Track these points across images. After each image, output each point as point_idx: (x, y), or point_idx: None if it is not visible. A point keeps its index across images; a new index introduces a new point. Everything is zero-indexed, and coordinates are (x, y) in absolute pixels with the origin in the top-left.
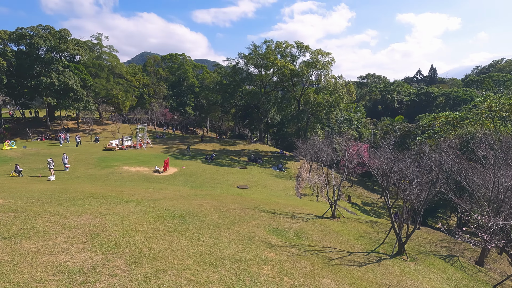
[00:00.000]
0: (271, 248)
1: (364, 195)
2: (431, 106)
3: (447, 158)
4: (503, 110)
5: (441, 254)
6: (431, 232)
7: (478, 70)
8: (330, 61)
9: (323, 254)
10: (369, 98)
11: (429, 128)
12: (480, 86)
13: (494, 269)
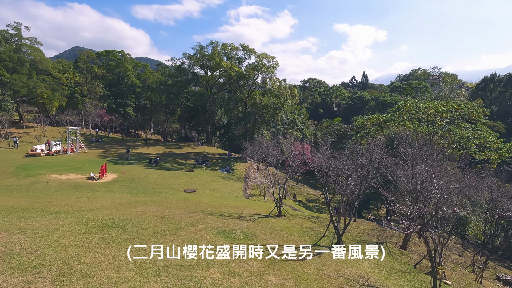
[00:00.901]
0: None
1: (308, 193)
2: (363, 109)
3: (376, 155)
4: (420, 113)
5: (372, 242)
6: (365, 222)
7: (401, 78)
8: (275, 64)
9: (270, 252)
10: (311, 101)
11: (362, 128)
12: (402, 92)
13: (414, 251)
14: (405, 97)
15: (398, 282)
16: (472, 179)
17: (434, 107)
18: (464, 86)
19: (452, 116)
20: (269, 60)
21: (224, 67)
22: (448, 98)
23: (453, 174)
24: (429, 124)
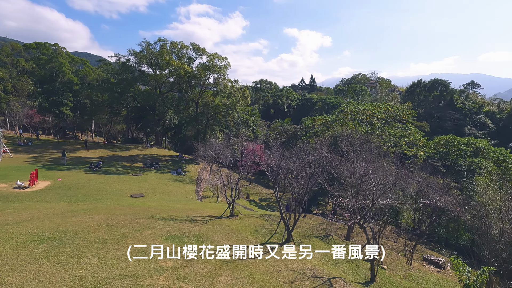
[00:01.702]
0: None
1: (261, 192)
2: (312, 110)
3: (322, 154)
4: (360, 114)
5: (320, 235)
6: (314, 217)
7: (344, 81)
8: (226, 65)
9: (222, 253)
10: (262, 102)
11: (310, 129)
12: (346, 94)
13: (357, 241)
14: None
15: (342, 271)
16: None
17: (372, 109)
18: (396, 90)
19: (386, 117)
20: (221, 60)
21: (174, 66)
22: (383, 101)
23: (388, 169)
24: (368, 124)
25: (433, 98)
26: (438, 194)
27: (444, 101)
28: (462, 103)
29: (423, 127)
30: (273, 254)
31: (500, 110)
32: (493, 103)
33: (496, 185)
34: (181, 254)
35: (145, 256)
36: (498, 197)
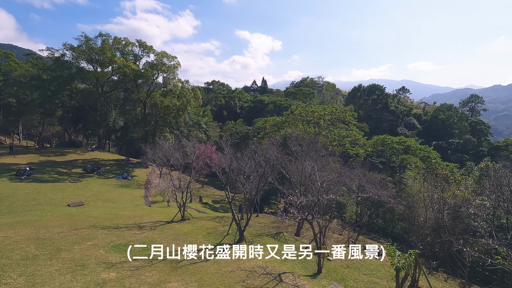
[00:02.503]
0: (111, 267)
1: (214, 194)
2: (264, 111)
3: (272, 154)
4: (308, 116)
5: (271, 233)
6: (266, 217)
7: (294, 84)
8: (176, 64)
9: (172, 259)
10: (215, 103)
11: (262, 130)
12: (295, 97)
13: (306, 236)
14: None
15: (292, 266)
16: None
17: (319, 111)
18: (340, 94)
19: (332, 119)
20: (170, 59)
21: (118, 63)
22: (329, 103)
23: (334, 167)
24: (315, 125)
25: (371, 102)
26: (375, 188)
27: (381, 104)
28: (395, 106)
29: (363, 128)
30: (225, 255)
31: (425, 112)
32: (420, 106)
33: (422, 179)
34: (127, 264)
35: (84, 269)
36: (423, 189)
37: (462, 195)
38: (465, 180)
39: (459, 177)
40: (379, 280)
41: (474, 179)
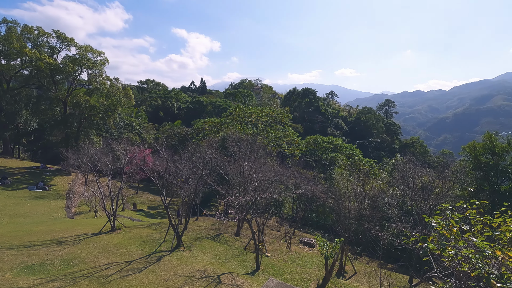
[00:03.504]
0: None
1: (150, 200)
2: (203, 112)
3: (211, 156)
4: (246, 117)
5: (211, 236)
6: (206, 219)
7: (233, 86)
8: (103, 60)
9: (99, 274)
10: (150, 104)
11: (201, 131)
12: (234, 98)
13: (246, 236)
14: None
15: (231, 266)
16: (283, 169)
17: (256, 112)
18: (277, 96)
19: (269, 120)
20: (96, 54)
21: (28, 55)
22: (267, 105)
23: (272, 166)
24: (254, 126)
25: (305, 104)
26: (309, 185)
27: (313, 106)
28: (325, 109)
29: (298, 129)
30: (162, 263)
31: (350, 115)
32: (346, 109)
33: (348, 174)
34: (41, 286)
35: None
36: (349, 183)
37: (379, 187)
38: (381, 173)
39: (376, 171)
40: (312, 270)
41: (387, 173)
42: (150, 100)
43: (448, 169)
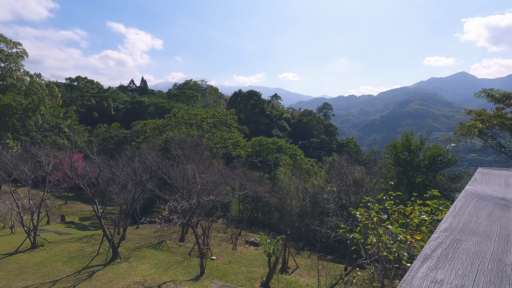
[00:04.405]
0: None
1: (82, 210)
2: (144, 114)
3: (152, 159)
4: (191, 118)
5: (153, 244)
6: (148, 227)
7: (177, 86)
8: (21, 53)
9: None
10: (82, 103)
11: (142, 133)
12: (178, 99)
13: (190, 241)
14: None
15: (174, 274)
16: (229, 170)
17: (201, 114)
18: (223, 98)
19: (214, 122)
20: (11, 46)
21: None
22: (212, 107)
23: (218, 168)
24: (199, 128)
25: (250, 106)
26: (254, 185)
27: (258, 108)
28: (270, 111)
29: (244, 130)
30: (95, 279)
31: (293, 116)
32: (289, 111)
33: (291, 173)
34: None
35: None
36: (291, 182)
37: (318, 184)
38: (320, 171)
39: (316, 169)
40: (257, 269)
41: (325, 170)
42: (82, 100)
43: (375, 165)
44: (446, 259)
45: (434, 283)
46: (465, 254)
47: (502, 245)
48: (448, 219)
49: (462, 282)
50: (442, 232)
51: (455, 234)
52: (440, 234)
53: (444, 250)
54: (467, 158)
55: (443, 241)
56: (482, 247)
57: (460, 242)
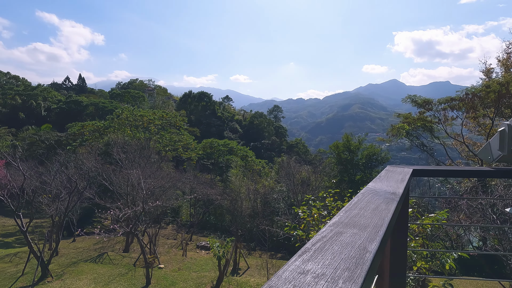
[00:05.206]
0: None
1: (5, 225)
2: (82, 115)
3: (90, 165)
4: (137, 120)
5: (92, 257)
6: (87, 239)
7: (121, 86)
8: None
9: None
10: (3, 102)
11: (79, 136)
12: (123, 100)
13: (136, 250)
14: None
15: (116, 287)
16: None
17: (148, 115)
18: (172, 99)
19: (163, 123)
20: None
21: None
22: (161, 108)
23: (167, 172)
24: (145, 130)
25: (201, 108)
26: (205, 188)
27: (209, 110)
28: (221, 113)
29: (195, 132)
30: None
31: (244, 118)
32: (240, 113)
33: (242, 174)
34: None
35: None
36: (243, 183)
37: (268, 185)
38: (271, 172)
39: (267, 170)
40: (208, 273)
41: (275, 171)
42: (4, 98)
43: (320, 165)
44: (321, 251)
45: (300, 274)
46: (339, 245)
47: (372, 235)
48: (340, 213)
49: (324, 271)
50: (329, 227)
51: (340, 227)
52: (327, 228)
53: (323, 243)
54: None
55: (326, 235)
56: (355, 238)
57: (340, 235)
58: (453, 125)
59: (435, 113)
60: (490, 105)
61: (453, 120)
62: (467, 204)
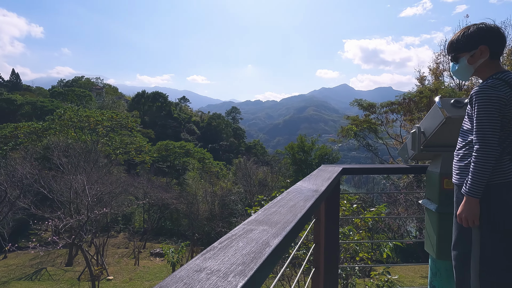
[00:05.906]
0: None
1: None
2: (15, 115)
3: (25, 170)
4: (82, 121)
5: (27, 274)
6: (22, 254)
7: (63, 83)
8: None
9: None
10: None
11: (12, 139)
12: (66, 99)
13: (81, 263)
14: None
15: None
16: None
17: (95, 116)
18: (124, 99)
19: (112, 125)
20: None
21: None
22: (111, 108)
23: (118, 177)
24: (92, 132)
25: (156, 108)
26: (160, 192)
27: (165, 111)
28: (178, 114)
29: (149, 134)
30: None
31: (202, 120)
32: (198, 114)
33: (199, 177)
34: None
35: None
36: (200, 186)
37: (226, 186)
38: (228, 174)
39: (225, 172)
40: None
41: (233, 172)
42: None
43: (277, 165)
44: (226, 248)
45: (196, 271)
46: (244, 242)
47: (279, 231)
48: (259, 212)
49: (220, 267)
50: (243, 225)
51: (252, 225)
52: (240, 226)
53: (230, 241)
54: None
55: (237, 233)
56: (263, 234)
57: (250, 232)
58: (394, 127)
59: (379, 115)
60: (423, 108)
61: (394, 122)
62: (404, 198)
